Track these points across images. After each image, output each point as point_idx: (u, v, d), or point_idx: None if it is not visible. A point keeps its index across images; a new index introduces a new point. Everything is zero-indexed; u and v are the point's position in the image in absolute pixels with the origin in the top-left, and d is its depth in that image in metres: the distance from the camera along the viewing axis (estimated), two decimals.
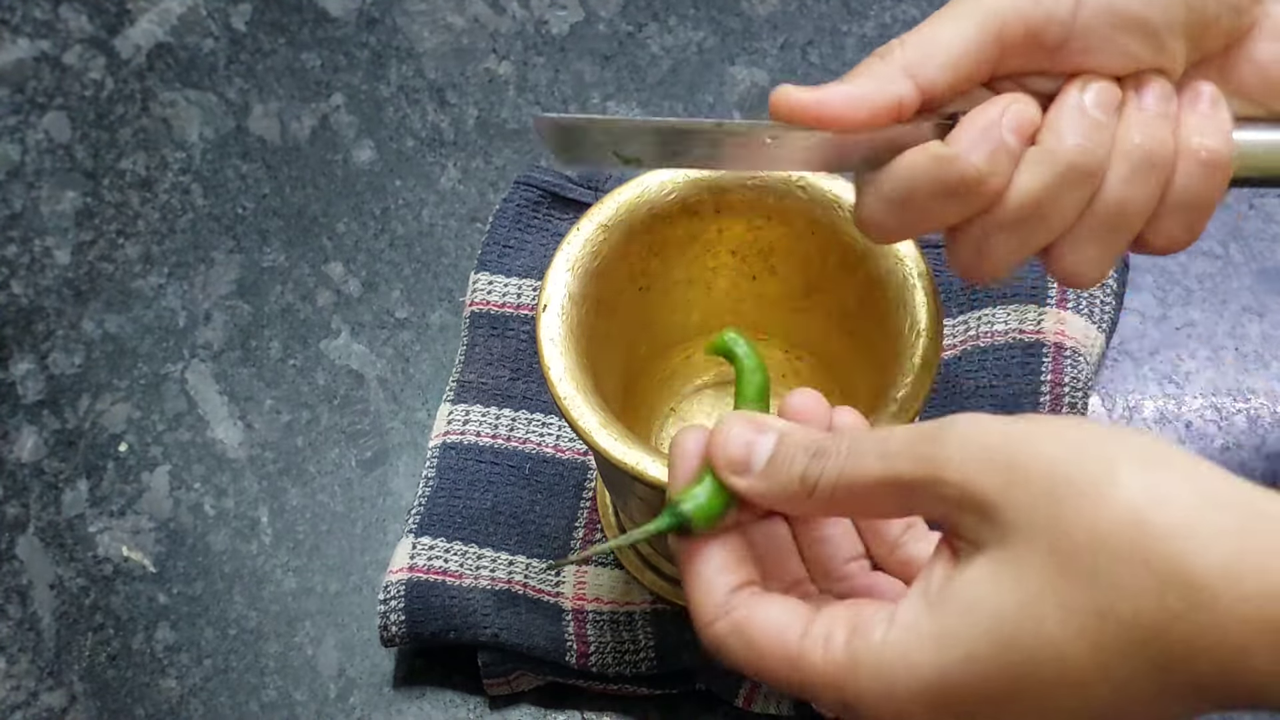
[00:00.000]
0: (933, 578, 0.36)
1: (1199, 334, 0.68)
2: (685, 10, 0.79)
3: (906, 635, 0.35)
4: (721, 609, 0.39)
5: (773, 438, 0.39)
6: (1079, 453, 0.34)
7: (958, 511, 0.35)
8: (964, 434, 0.35)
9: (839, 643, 0.36)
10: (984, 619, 0.34)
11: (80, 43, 0.79)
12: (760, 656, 0.38)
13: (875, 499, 0.37)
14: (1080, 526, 0.33)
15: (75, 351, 0.70)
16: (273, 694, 0.62)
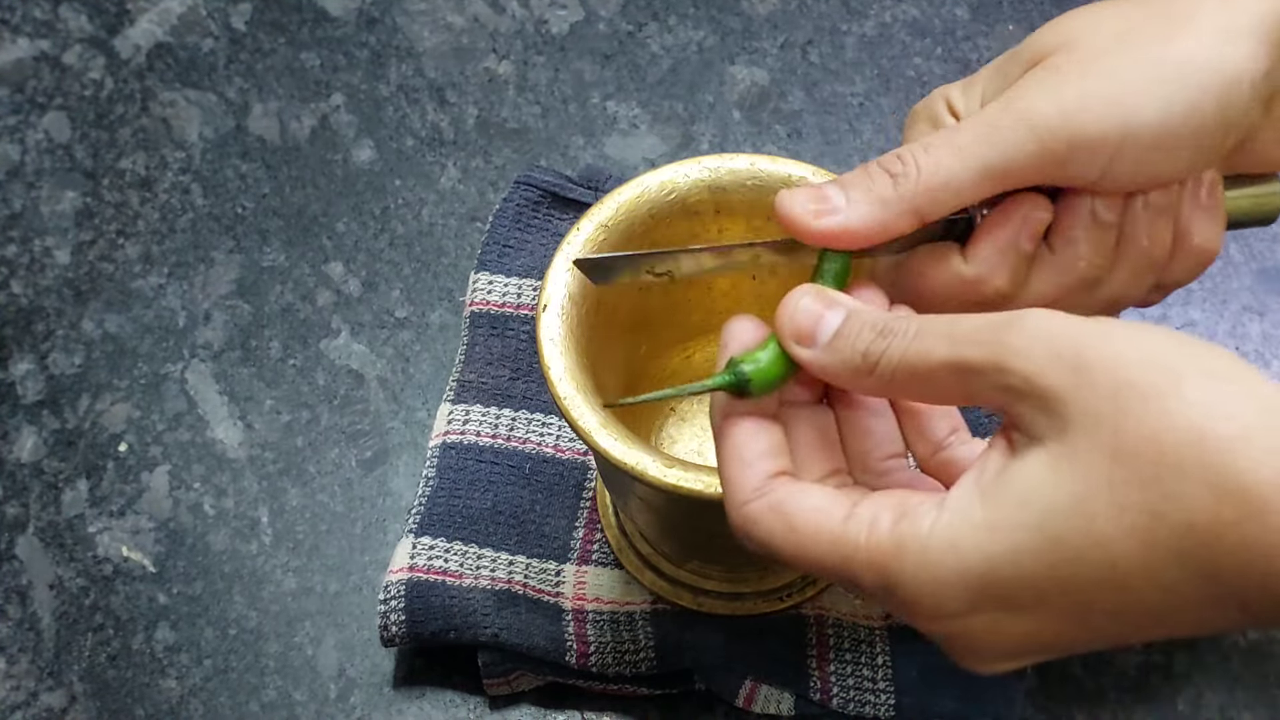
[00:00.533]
0: (988, 467, 0.36)
1: (1199, 334, 0.68)
2: (685, 9, 0.79)
3: (955, 522, 0.35)
4: (758, 490, 0.39)
5: (841, 313, 0.39)
6: (1148, 358, 0.34)
7: (1019, 401, 0.35)
8: (1035, 325, 0.35)
9: (884, 526, 0.36)
10: (1036, 511, 0.34)
11: (80, 43, 0.79)
12: (799, 536, 0.38)
13: (937, 382, 0.37)
14: (1142, 431, 0.33)
15: (75, 351, 0.70)
16: (273, 694, 0.62)
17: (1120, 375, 0.34)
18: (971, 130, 0.42)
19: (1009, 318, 0.36)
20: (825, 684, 0.58)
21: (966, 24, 0.78)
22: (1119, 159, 0.42)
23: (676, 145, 0.75)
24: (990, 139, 0.42)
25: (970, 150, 0.42)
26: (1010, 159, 0.42)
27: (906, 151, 0.42)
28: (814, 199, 0.42)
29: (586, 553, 0.62)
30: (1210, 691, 0.60)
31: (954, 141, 0.42)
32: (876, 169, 0.42)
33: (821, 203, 0.42)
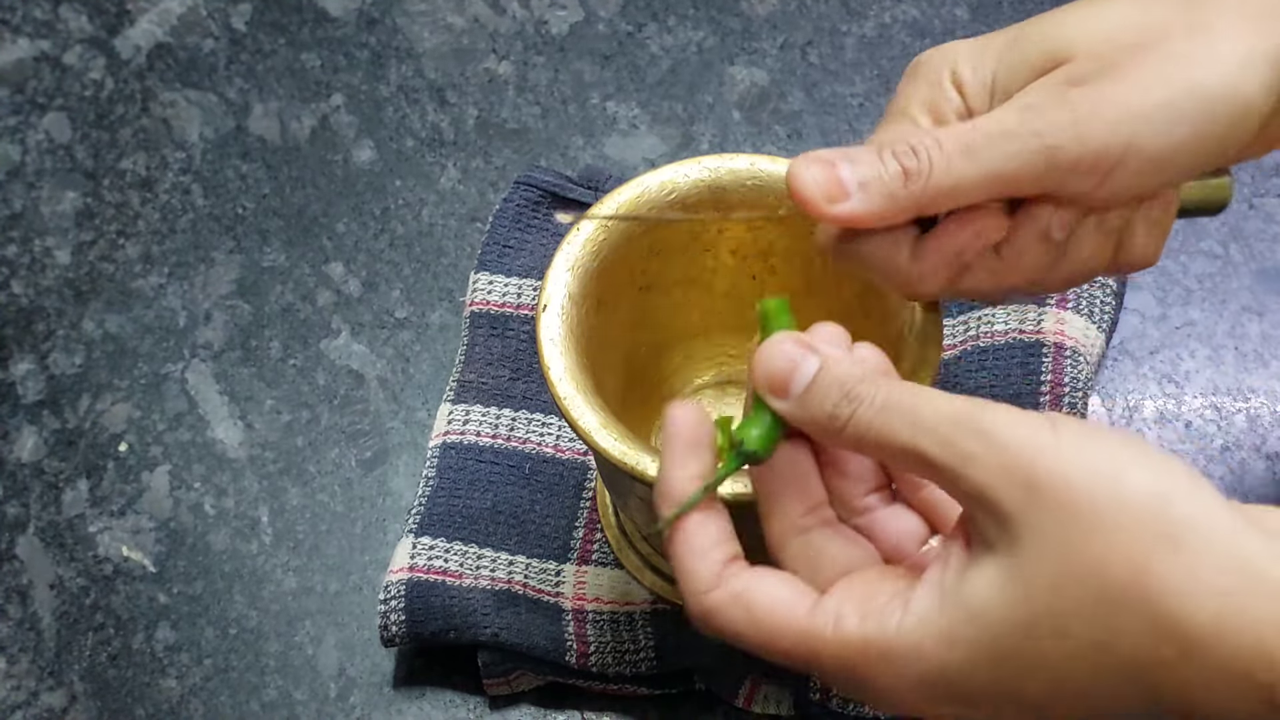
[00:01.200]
0: (949, 565, 0.37)
1: (1199, 333, 0.68)
2: (685, 10, 0.79)
3: (918, 627, 0.36)
4: (716, 578, 0.39)
5: (815, 364, 0.39)
6: (1096, 479, 0.34)
7: (974, 506, 0.36)
8: (991, 432, 0.35)
9: (852, 624, 0.37)
10: (987, 628, 0.35)
11: (80, 43, 0.79)
12: (764, 628, 0.38)
13: (897, 460, 0.38)
14: (1085, 562, 0.34)
15: (75, 351, 0.70)
16: (273, 694, 0.62)
17: (1068, 500, 0.34)
18: (986, 137, 0.42)
19: (971, 416, 0.36)
20: (825, 684, 0.58)
21: (966, 24, 0.78)
22: (1115, 176, 0.42)
23: (676, 145, 0.75)
24: (1004, 149, 0.41)
25: (983, 157, 0.41)
26: (1019, 172, 0.42)
27: (921, 146, 0.42)
28: (828, 180, 0.42)
29: (586, 553, 0.62)
30: None
31: (968, 144, 0.42)
32: (890, 159, 0.42)
33: (835, 185, 0.42)
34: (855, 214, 0.42)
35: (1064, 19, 0.43)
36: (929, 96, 0.44)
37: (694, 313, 0.60)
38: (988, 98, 0.44)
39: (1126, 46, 0.42)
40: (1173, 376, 0.67)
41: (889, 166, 0.42)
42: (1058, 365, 0.63)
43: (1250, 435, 0.65)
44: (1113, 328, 0.66)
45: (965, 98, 0.44)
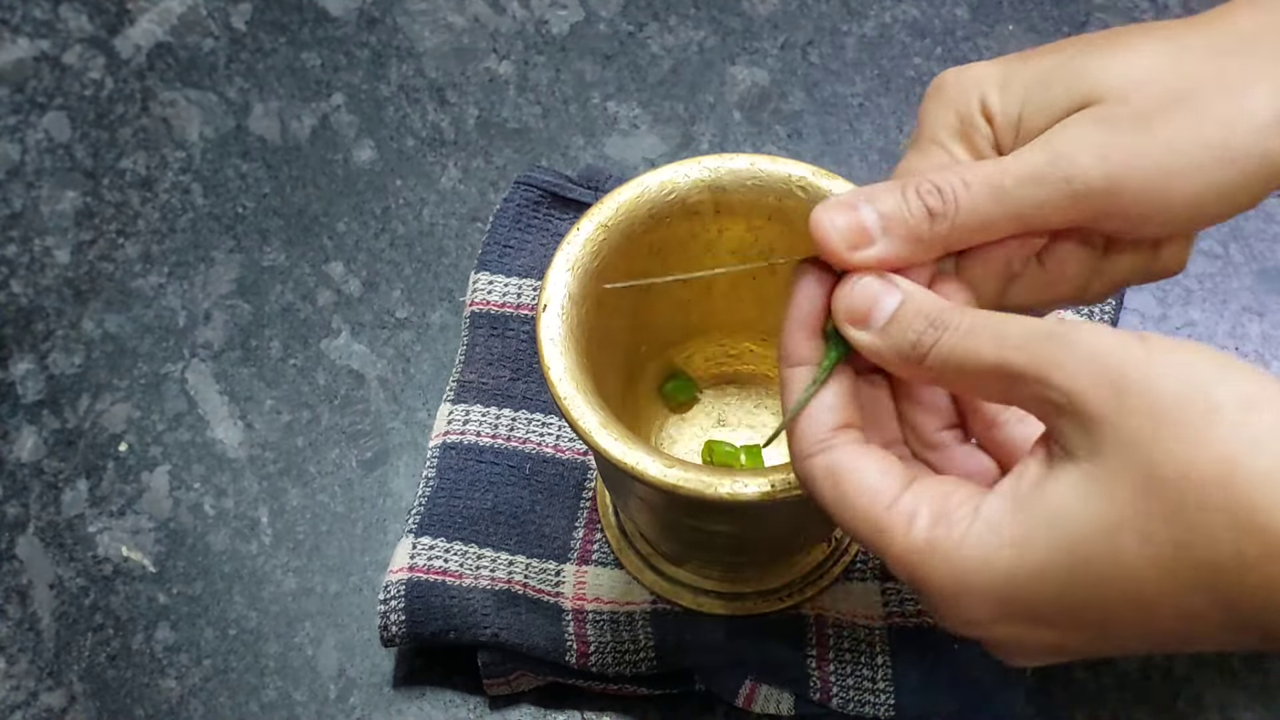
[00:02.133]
0: (1025, 476, 0.37)
1: (1199, 334, 0.68)
2: (686, 10, 0.79)
3: (986, 534, 0.36)
4: (820, 444, 0.40)
5: (898, 296, 0.40)
6: (1187, 386, 0.34)
7: (1059, 415, 0.36)
8: (1080, 341, 0.36)
9: (922, 525, 0.37)
10: (1064, 534, 0.35)
11: (80, 43, 0.79)
12: (846, 509, 0.39)
13: (981, 381, 0.38)
14: (1173, 463, 0.34)
15: (75, 351, 0.70)
16: (273, 694, 0.62)
17: (1158, 404, 0.34)
18: (1015, 180, 0.41)
19: (1058, 329, 0.36)
20: (825, 684, 0.58)
21: (966, 24, 0.78)
22: (1145, 226, 0.42)
23: (676, 145, 0.75)
24: (1033, 193, 0.41)
25: (1011, 200, 0.41)
26: (1047, 216, 0.42)
27: (947, 186, 0.41)
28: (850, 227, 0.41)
29: (586, 553, 0.62)
30: (1210, 691, 0.60)
31: (997, 186, 0.41)
32: (915, 200, 0.42)
33: (858, 233, 0.41)
34: (882, 259, 0.41)
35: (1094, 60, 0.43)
36: (960, 126, 0.44)
37: (694, 313, 0.60)
38: (1013, 133, 0.43)
39: (1158, 98, 0.41)
40: None
41: (913, 206, 0.42)
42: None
43: None
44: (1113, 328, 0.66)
45: (994, 130, 0.44)
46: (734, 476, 0.48)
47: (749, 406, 0.63)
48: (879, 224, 0.42)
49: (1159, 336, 0.36)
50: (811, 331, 0.41)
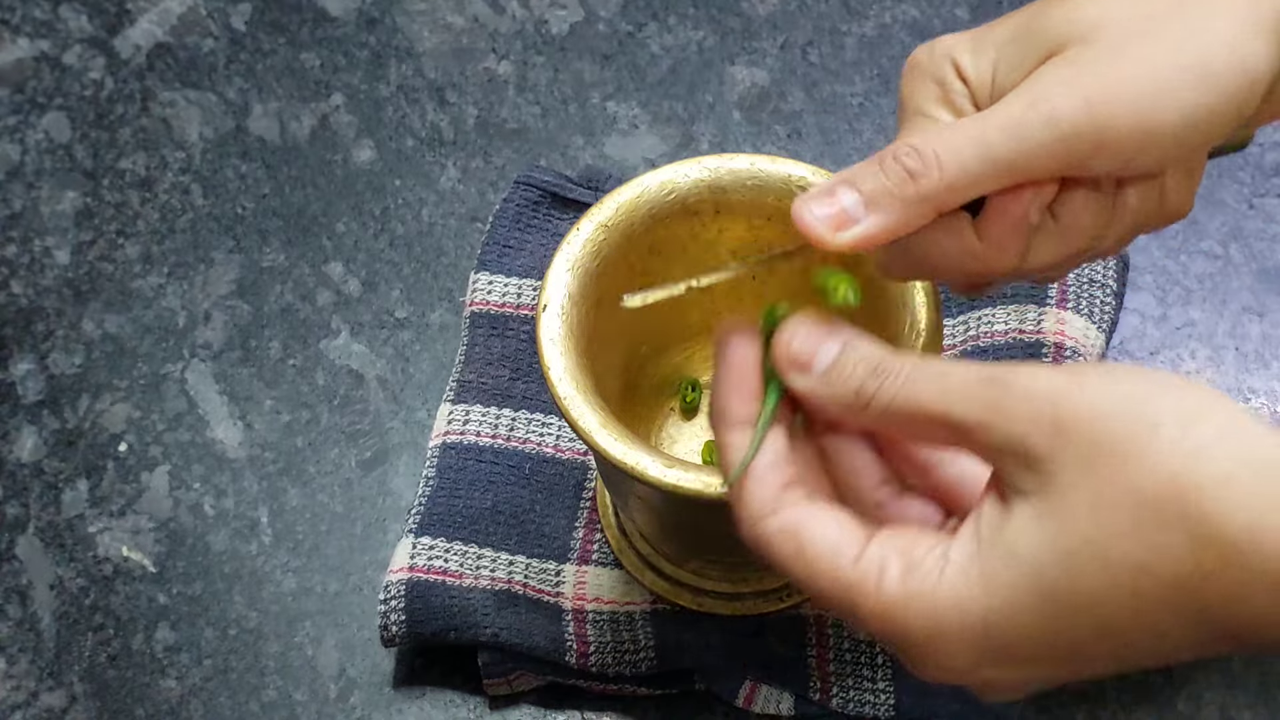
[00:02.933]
0: (983, 518, 0.37)
1: (1199, 334, 0.68)
2: (685, 10, 0.79)
3: (957, 577, 0.36)
4: (771, 504, 0.39)
5: (838, 344, 0.40)
6: (1123, 408, 0.35)
7: (1004, 458, 0.36)
8: (1017, 384, 0.36)
9: (893, 576, 0.37)
10: (1027, 569, 0.35)
11: (80, 43, 0.79)
12: (808, 568, 0.38)
13: (925, 429, 0.38)
14: (1121, 484, 0.34)
15: (75, 351, 0.70)
16: (273, 694, 0.62)
17: (1096, 429, 0.35)
18: (995, 127, 0.41)
19: (997, 374, 0.36)
20: (825, 684, 0.58)
21: (966, 24, 0.78)
22: (1137, 159, 0.42)
23: (676, 145, 0.75)
24: (1016, 138, 0.41)
25: (995, 149, 0.41)
26: (1034, 159, 0.41)
27: (925, 146, 0.41)
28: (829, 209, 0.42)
29: (586, 553, 0.62)
30: (1210, 691, 0.60)
31: (977, 136, 0.41)
32: (893, 165, 0.42)
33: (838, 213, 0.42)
34: (870, 233, 0.41)
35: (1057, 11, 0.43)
36: (939, 92, 0.44)
37: (694, 313, 0.60)
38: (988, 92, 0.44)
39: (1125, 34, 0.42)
40: None
41: (891, 173, 0.42)
42: (1058, 365, 0.63)
43: None
44: (1113, 328, 0.66)
45: (971, 91, 0.44)
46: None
47: None
48: (860, 204, 0.42)
49: (1094, 367, 0.36)
50: (747, 392, 0.41)
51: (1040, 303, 0.64)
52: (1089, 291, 0.65)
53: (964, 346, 0.64)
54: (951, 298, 0.66)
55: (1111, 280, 0.66)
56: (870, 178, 0.42)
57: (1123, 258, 0.67)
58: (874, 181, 0.42)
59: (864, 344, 0.40)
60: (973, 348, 0.64)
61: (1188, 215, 0.46)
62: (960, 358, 0.64)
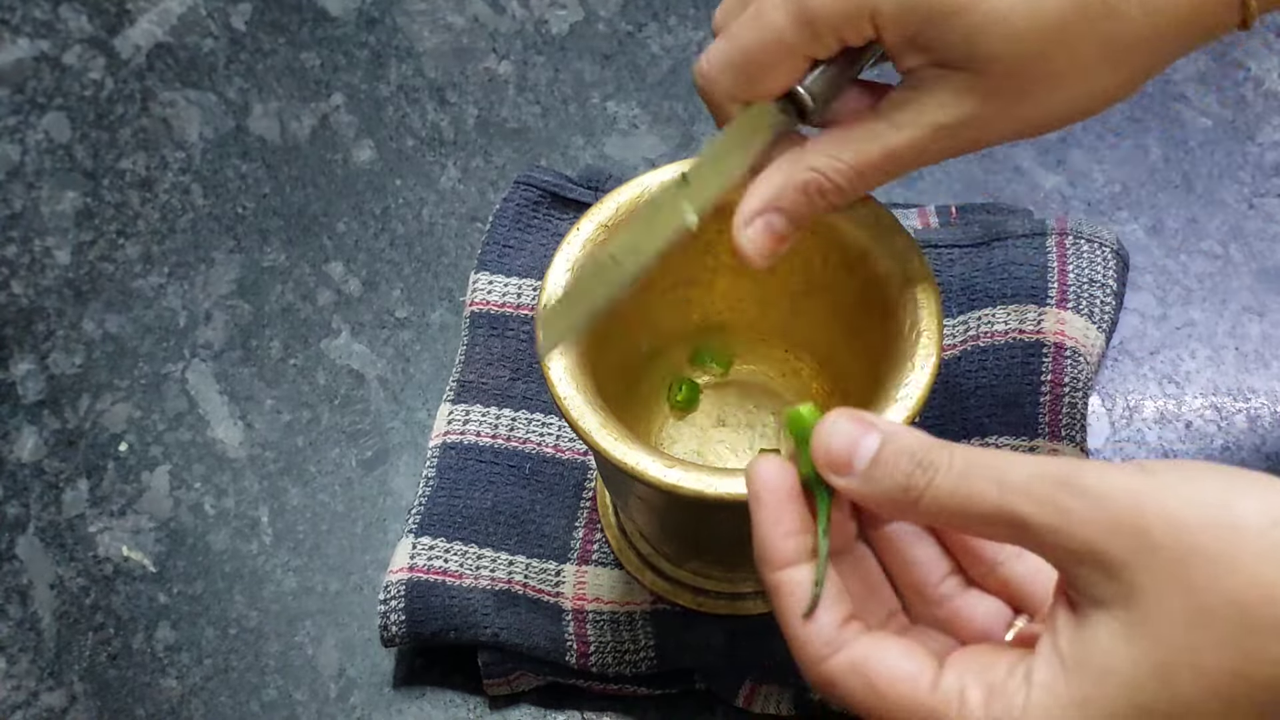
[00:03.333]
0: (1059, 635, 0.36)
1: (1199, 334, 0.68)
2: (685, 10, 0.79)
3: (1047, 700, 0.35)
4: (832, 645, 0.38)
5: (876, 438, 0.38)
6: (1208, 516, 0.34)
7: (1078, 564, 0.35)
8: (1088, 486, 0.35)
9: (976, 703, 0.36)
10: (1122, 685, 0.35)
11: (80, 43, 0.79)
12: (884, 704, 0.37)
13: (986, 527, 0.37)
14: (1212, 592, 0.34)
15: (75, 351, 0.70)
16: (273, 694, 0.62)
17: (1184, 539, 0.34)
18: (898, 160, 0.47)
19: (1064, 474, 0.35)
20: None
21: None
22: None
23: (676, 145, 0.75)
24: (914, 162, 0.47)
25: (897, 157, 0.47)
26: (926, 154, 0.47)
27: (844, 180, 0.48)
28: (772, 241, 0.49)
29: (586, 553, 0.62)
30: None
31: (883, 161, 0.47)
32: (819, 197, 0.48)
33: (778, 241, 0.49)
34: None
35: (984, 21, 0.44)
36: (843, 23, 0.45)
37: (694, 313, 0.60)
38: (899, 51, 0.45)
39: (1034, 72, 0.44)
40: (1173, 377, 0.67)
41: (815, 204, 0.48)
42: (1058, 365, 0.63)
43: (1251, 436, 0.65)
44: (1113, 328, 0.66)
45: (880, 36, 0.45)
46: (734, 476, 0.48)
47: (749, 406, 0.63)
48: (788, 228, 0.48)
49: (1168, 467, 0.35)
50: (788, 527, 0.39)
51: (1040, 303, 0.64)
52: (1089, 291, 0.65)
53: (964, 346, 0.64)
54: (951, 297, 0.66)
55: (1111, 280, 0.66)
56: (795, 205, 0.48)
57: (1123, 258, 0.67)
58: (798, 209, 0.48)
59: (905, 434, 0.38)
60: (973, 347, 0.64)
61: None
62: (960, 357, 0.64)
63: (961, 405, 0.63)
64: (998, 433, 0.62)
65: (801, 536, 0.39)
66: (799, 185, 0.46)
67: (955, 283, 0.66)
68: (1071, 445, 0.62)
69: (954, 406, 0.63)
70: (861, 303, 0.54)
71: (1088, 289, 0.65)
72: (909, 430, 0.39)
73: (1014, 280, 0.65)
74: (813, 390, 0.62)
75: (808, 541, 0.39)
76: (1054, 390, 0.62)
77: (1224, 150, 0.73)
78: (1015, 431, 0.62)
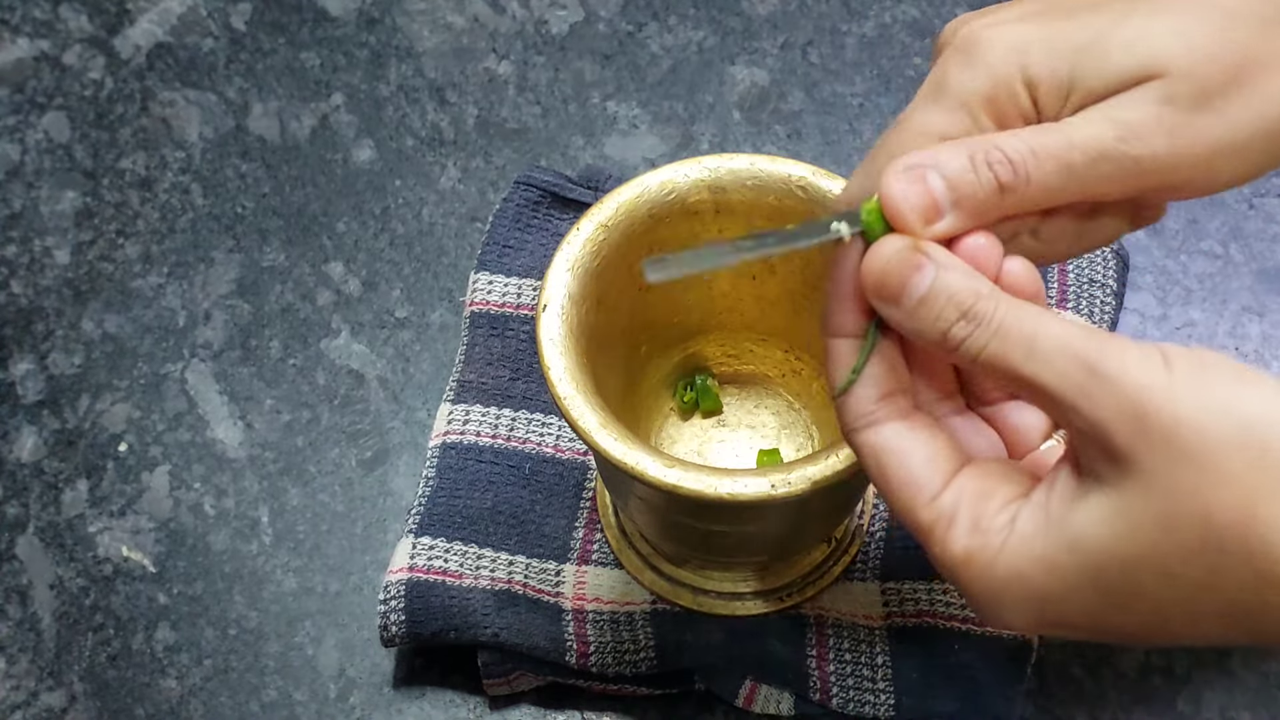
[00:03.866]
0: (1055, 492, 0.37)
1: (1199, 334, 0.68)
2: (685, 10, 0.79)
3: (1020, 549, 0.37)
4: (866, 416, 0.40)
5: (929, 274, 0.39)
6: (1208, 425, 0.35)
7: (1084, 441, 0.36)
8: (1109, 369, 0.36)
9: (960, 533, 0.38)
10: (1088, 561, 0.36)
11: (80, 43, 0.79)
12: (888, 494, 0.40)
13: (1010, 385, 0.39)
14: (1193, 504, 0.34)
15: (75, 351, 0.70)
16: (273, 694, 0.62)
17: (1177, 438, 0.35)
18: (1084, 156, 0.40)
19: (1087, 348, 0.36)
20: (825, 684, 0.58)
21: None
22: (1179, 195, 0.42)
23: (676, 145, 0.75)
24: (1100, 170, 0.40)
25: (1079, 176, 0.40)
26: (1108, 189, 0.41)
27: (1020, 159, 0.40)
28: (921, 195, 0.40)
29: (586, 553, 0.62)
30: (1210, 691, 0.60)
31: (1068, 164, 0.40)
32: (986, 171, 0.40)
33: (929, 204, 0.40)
34: (947, 233, 0.40)
35: (1148, 27, 0.41)
36: (993, 93, 0.42)
37: (694, 313, 0.60)
38: (1062, 99, 0.42)
39: (1218, 75, 0.41)
40: None
41: (983, 178, 0.40)
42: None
43: None
44: (1113, 328, 0.66)
45: (1036, 99, 0.42)
46: (734, 476, 0.48)
47: (749, 406, 0.63)
48: (948, 196, 0.40)
49: (1188, 359, 0.35)
50: (851, 303, 0.41)
51: None
52: (1089, 291, 0.65)
53: None
54: None
55: (1111, 280, 0.66)
56: (960, 173, 0.40)
57: (1123, 258, 0.67)
58: (963, 179, 0.40)
59: (955, 277, 0.38)
60: None
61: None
62: None
63: None
64: None
65: (859, 316, 0.40)
66: (969, 151, 0.41)
67: None
68: None
69: None
70: None
71: (1088, 289, 0.65)
72: (959, 270, 0.39)
73: None
74: (813, 390, 0.62)
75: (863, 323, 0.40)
76: None
77: None
78: None
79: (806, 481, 0.48)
